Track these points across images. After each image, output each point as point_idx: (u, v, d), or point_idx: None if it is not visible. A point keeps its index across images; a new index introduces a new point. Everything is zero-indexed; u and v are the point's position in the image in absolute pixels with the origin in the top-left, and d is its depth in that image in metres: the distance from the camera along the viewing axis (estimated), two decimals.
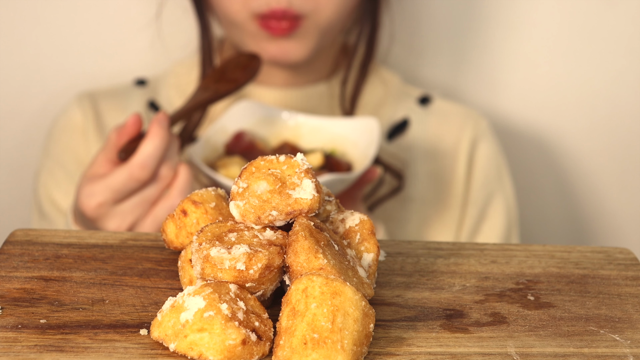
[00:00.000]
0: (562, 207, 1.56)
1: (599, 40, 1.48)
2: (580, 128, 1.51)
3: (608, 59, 1.48)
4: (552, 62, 1.49)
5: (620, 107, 1.50)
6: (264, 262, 0.70)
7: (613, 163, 1.53)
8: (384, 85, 1.36)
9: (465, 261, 0.83)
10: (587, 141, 1.52)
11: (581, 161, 1.53)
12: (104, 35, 1.45)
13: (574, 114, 1.51)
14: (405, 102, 1.37)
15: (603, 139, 1.52)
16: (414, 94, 1.38)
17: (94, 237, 0.84)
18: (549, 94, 1.50)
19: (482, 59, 1.49)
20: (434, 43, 1.48)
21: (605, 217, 1.56)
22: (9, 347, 0.68)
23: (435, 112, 1.37)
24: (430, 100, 1.38)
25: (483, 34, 1.48)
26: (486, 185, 1.34)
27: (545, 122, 1.51)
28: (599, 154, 1.53)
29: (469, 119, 1.36)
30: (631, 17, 1.46)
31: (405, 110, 1.36)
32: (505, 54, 1.49)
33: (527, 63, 1.49)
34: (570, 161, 1.53)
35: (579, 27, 1.47)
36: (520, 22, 1.47)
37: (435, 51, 1.49)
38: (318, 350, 0.66)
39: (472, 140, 1.34)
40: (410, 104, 1.37)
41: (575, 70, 1.49)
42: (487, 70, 1.49)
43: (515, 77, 1.50)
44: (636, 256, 0.85)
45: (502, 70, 1.49)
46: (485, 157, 1.34)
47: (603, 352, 0.71)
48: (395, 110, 1.35)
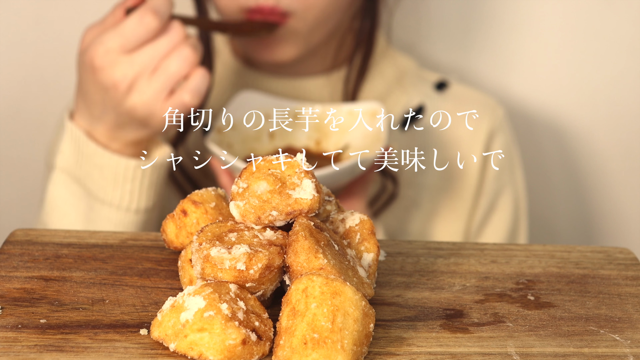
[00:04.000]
0: (569, 201, 1.55)
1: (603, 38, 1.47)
2: (603, 124, 1.51)
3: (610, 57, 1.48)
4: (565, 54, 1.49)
5: (621, 106, 1.50)
6: (264, 262, 0.70)
7: (612, 162, 1.53)
8: (397, 71, 1.35)
9: (465, 261, 0.83)
10: (596, 136, 1.52)
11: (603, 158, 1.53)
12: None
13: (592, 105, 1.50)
14: (421, 88, 1.34)
15: (609, 137, 1.52)
16: (430, 79, 1.36)
17: (94, 237, 0.84)
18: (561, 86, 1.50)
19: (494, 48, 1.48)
20: (442, 29, 1.47)
21: (606, 217, 1.56)
22: (9, 347, 0.68)
23: (452, 98, 1.33)
24: (447, 85, 1.36)
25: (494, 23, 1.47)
26: (499, 177, 1.33)
27: (558, 113, 1.51)
28: (601, 152, 1.53)
29: (487, 108, 1.33)
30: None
31: (421, 96, 1.33)
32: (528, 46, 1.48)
33: (545, 52, 1.48)
34: (593, 158, 1.53)
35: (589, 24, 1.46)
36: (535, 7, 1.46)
37: (442, 37, 1.48)
38: (318, 350, 0.66)
39: (490, 131, 1.32)
40: (427, 89, 1.34)
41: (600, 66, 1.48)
42: (499, 58, 1.48)
43: (533, 66, 1.49)
44: (636, 256, 0.85)
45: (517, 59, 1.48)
46: (501, 149, 1.33)
47: (603, 352, 0.71)
48: (411, 96, 1.33)
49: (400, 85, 1.33)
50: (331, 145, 1.24)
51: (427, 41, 1.47)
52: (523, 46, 1.48)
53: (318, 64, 1.31)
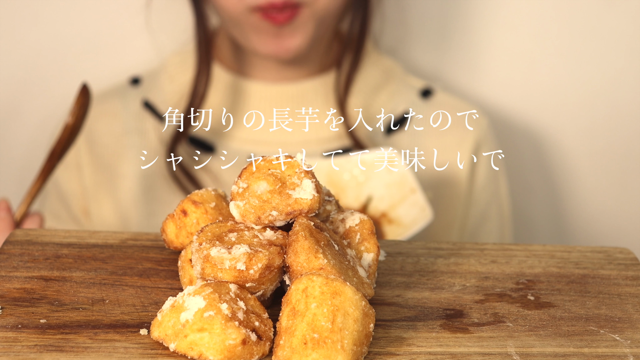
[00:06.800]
0: (557, 205, 1.56)
1: (598, 40, 1.48)
2: (575, 125, 1.51)
3: (607, 58, 1.48)
4: (547, 58, 1.49)
5: (618, 106, 1.50)
6: (264, 262, 0.70)
7: (612, 163, 1.53)
8: (383, 72, 1.35)
9: (465, 261, 0.83)
10: (584, 139, 1.52)
11: (578, 159, 1.53)
12: (98, 32, 1.44)
13: (571, 112, 1.51)
14: (406, 94, 1.35)
15: (600, 138, 1.52)
16: (416, 86, 1.36)
17: (94, 237, 0.84)
18: (542, 90, 1.50)
19: (473, 53, 1.48)
20: (426, 34, 1.47)
21: (606, 217, 1.56)
22: (9, 347, 0.68)
23: (437, 106, 1.35)
24: (432, 93, 1.36)
25: (475, 28, 1.47)
26: (486, 188, 1.34)
27: (539, 118, 1.51)
28: (597, 153, 1.53)
29: (472, 118, 1.34)
30: (631, 17, 1.46)
31: (406, 102, 1.34)
32: (503, 51, 1.48)
33: (520, 58, 1.49)
34: (566, 159, 1.53)
35: (578, 26, 1.47)
36: (516, 15, 1.47)
37: (427, 42, 1.48)
38: (318, 350, 0.66)
39: (476, 141, 1.33)
40: (412, 96, 1.35)
41: (574, 70, 1.49)
42: (477, 64, 1.49)
43: (509, 72, 1.49)
44: (636, 256, 0.85)
45: (494, 65, 1.49)
46: (488, 159, 1.34)
47: (603, 352, 0.71)
48: (397, 102, 1.34)
49: (386, 90, 1.34)
50: (351, 199, 1.24)
51: (407, 45, 1.48)
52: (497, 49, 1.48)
53: (308, 67, 1.31)
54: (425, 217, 1.14)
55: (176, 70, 1.34)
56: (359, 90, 1.32)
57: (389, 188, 1.20)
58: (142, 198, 1.30)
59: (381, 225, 1.19)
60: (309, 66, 1.31)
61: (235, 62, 1.31)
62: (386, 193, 1.20)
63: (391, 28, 1.43)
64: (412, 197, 1.16)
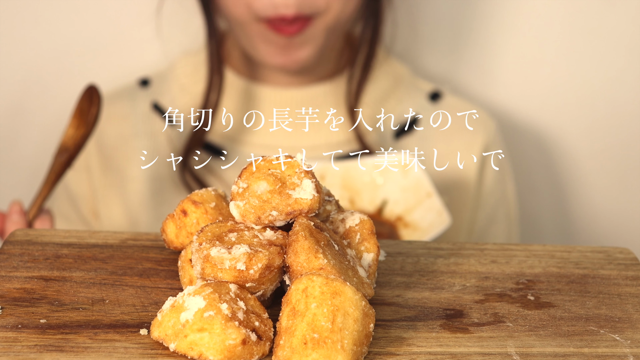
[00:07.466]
0: (561, 206, 1.56)
1: (598, 40, 1.48)
2: (579, 127, 1.51)
3: (607, 58, 1.48)
4: (552, 60, 1.49)
5: (620, 107, 1.50)
6: (264, 262, 0.70)
7: (613, 163, 1.53)
8: (393, 77, 1.35)
9: (465, 261, 0.83)
10: (587, 140, 1.52)
11: (580, 160, 1.53)
12: (105, 32, 1.44)
13: (580, 115, 1.51)
14: (415, 97, 1.35)
15: (603, 139, 1.52)
16: (424, 89, 1.36)
17: (94, 237, 0.84)
18: (548, 92, 1.50)
19: (482, 56, 1.49)
20: (436, 38, 1.48)
21: (606, 217, 1.56)
22: (9, 347, 0.68)
23: (445, 109, 1.34)
24: (440, 96, 1.36)
25: (483, 32, 1.48)
26: (494, 191, 1.34)
27: (544, 120, 1.51)
28: (599, 153, 1.53)
29: (480, 122, 1.34)
30: (631, 17, 1.46)
31: (415, 106, 1.34)
32: (506, 52, 1.48)
33: (527, 61, 1.49)
34: (571, 160, 1.53)
35: (579, 26, 1.47)
36: (521, 19, 1.47)
37: (437, 46, 1.48)
38: (318, 350, 0.66)
39: (485, 145, 1.32)
40: (421, 99, 1.35)
41: (575, 70, 1.49)
42: (486, 67, 1.49)
43: (515, 75, 1.49)
44: (636, 256, 0.85)
45: (502, 68, 1.49)
46: (496, 162, 1.33)
47: (603, 352, 0.71)
48: (405, 105, 1.33)
49: (396, 94, 1.33)
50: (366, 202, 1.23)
51: (418, 50, 1.48)
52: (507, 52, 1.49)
53: (319, 72, 1.31)
54: (443, 221, 1.14)
55: (188, 81, 1.33)
56: (369, 95, 1.31)
57: (405, 192, 1.20)
58: (151, 200, 1.30)
59: (397, 228, 1.19)
60: (319, 71, 1.31)
61: (246, 66, 1.31)
62: (401, 197, 1.20)
63: (402, 33, 1.43)
64: (428, 201, 1.17)
